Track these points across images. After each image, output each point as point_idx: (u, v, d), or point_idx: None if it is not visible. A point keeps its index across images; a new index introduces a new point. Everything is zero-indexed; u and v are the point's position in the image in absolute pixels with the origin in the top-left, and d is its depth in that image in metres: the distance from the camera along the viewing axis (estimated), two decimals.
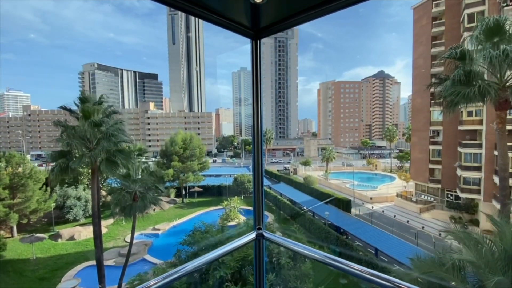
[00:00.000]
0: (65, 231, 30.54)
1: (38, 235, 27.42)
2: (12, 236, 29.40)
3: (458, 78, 10.87)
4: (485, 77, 11.33)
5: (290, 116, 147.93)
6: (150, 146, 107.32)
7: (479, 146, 32.03)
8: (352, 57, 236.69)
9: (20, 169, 29.66)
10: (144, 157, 40.23)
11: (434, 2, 38.02)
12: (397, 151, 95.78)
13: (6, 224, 28.46)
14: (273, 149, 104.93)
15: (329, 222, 30.83)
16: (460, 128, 33.37)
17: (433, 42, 38.37)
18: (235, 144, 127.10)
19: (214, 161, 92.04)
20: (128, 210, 16.35)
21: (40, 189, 30.77)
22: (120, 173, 16.21)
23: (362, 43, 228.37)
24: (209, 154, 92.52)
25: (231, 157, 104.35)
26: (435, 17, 38.66)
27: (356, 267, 1.52)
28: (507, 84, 11.14)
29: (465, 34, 32.01)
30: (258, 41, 1.94)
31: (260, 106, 2.05)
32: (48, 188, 31.92)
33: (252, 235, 2.09)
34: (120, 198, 15.87)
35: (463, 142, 33.35)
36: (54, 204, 32.00)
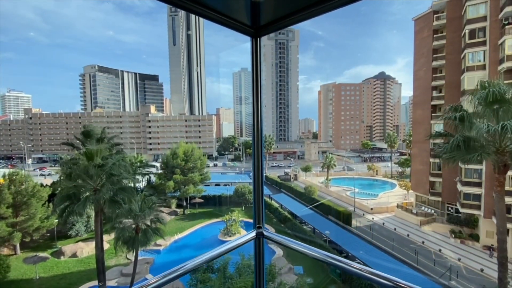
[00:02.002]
0: (68, 247, 30.72)
1: (41, 255, 27.61)
2: (16, 254, 29.63)
3: (457, 143, 11.03)
4: (484, 134, 11.47)
5: (291, 118, 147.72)
6: (151, 149, 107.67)
7: (480, 161, 32.00)
8: (353, 55, 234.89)
9: (23, 187, 29.82)
10: (145, 166, 40.30)
11: (435, 15, 37.81)
12: (398, 153, 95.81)
13: (9, 243, 28.70)
14: (274, 152, 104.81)
15: (329, 239, 31.04)
16: None
17: (434, 55, 38.24)
18: (236, 145, 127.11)
19: (215, 165, 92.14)
20: (131, 243, 16.53)
21: (43, 205, 30.98)
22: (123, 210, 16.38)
23: (363, 42, 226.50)
24: (210, 157, 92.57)
25: (232, 160, 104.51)
26: (436, 30, 38.45)
27: (355, 266, 1.54)
28: (506, 149, 11.27)
29: (466, 50, 31.96)
30: (258, 39, 1.94)
31: (260, 104, 2.04)
32: (51, 204, 32.08)
33: (252, 234, 2.02)
34: (124, 233, 16.05)
35: None
36: (57, 220, 32.21)
